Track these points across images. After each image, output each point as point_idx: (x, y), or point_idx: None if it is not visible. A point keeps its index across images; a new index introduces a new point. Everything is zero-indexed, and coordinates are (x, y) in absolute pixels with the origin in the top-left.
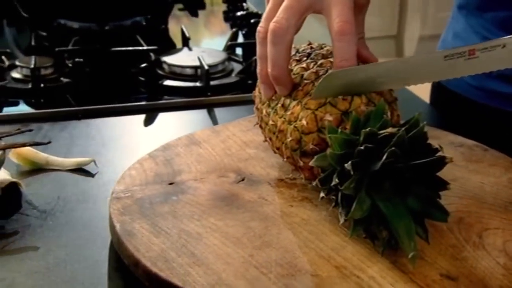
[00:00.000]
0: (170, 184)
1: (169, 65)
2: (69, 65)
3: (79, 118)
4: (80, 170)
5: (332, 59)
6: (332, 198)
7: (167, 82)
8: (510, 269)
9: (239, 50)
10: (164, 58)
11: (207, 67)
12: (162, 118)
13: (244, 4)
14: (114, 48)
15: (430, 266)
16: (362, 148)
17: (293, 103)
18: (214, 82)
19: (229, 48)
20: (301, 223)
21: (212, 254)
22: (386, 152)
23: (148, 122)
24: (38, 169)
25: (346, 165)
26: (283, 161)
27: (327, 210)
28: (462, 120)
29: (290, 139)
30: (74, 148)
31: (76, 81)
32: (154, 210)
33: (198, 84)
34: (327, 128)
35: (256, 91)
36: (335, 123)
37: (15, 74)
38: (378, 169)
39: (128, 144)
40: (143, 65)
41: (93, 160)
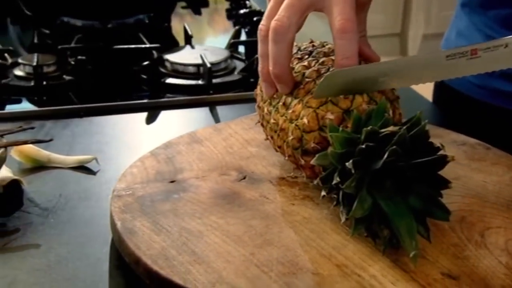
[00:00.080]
0: (172, 182)
1: (172, 63)
2: (72, 63)
3: (81, 116)
4: (82, 168)
5: (334, 57)
6: (334, 197)
7: (169, 80)
8: None
9: (242, 48)
10: (167, 56)
11: (209, 65)
12: (164, 116)
13: (247, 2)
14: (117, 46)
15: (432, 265)
16: (363, 147)
17: (295, 102)
18: (217, 80)
19: (232, 46)
20: (303, 222)
21: (213, 252)
22: (387, 151)
23: (150, 120)
24: (40, 167)
25: (347, 164)
26: (285, 160)
27: (329, 209)
28: (465, 119)
29: (292, 138)
30: (76, 146)
31: (79, 79)
32: (155, 208)
33: (200, 82)
34: (328, 127)
35: (258, 90)
36: (337, 122)
37: (18, 72)
38: (379, 168)
39: (130, 142)
40: (145, 63)
41: (95, 158)
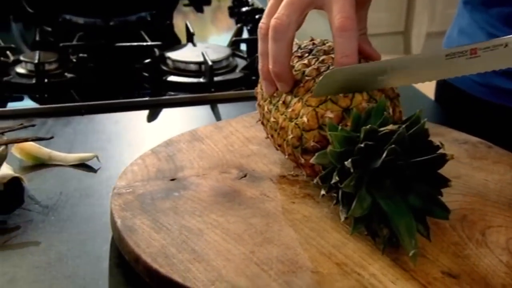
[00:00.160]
0: (172, 180)
1: (173, 61)
2: (73, 61)
3: (83, 114)
4: (83, 166)
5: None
6: (333, 196)
7: (171, 78)
8: None
9: (244, 46)
10: (168, 54)
11: (211, 63)
12: (166, 114)
13: (249, 0)
14: (118, 44)
15: (432, 264)
16: (362, 146)
17: (294, 100)
18: (218, 78)
19: (234, 44)
20: (303, 220)
21: (213, 251)
22: (386, 150)
23: (152, 118)
24: (41, 164)
25: (346, 163)
26: (285, 158)
27: (329, 207)
28: (467, 117)
29: (291, 136)
30: (77, 144)
31: (80, 77)
32: (156, 206)
33: (202, 80)
34: (328, 125)
35: (258, 88)
36: (336, 120)
37: (20, 69)
38: (379, 167)
39: (131, 140)
40: (147, 61)
41: (96, 156)
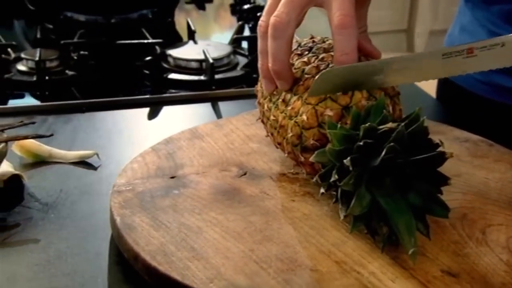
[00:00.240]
0: (172, 178)
1: (174, 59)
2: (74, 58)
3: (83, 111)
4: (83, 163)
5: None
6: (333, 194)
7: (172, 76)
8: None
9: (245, 44)
10: (169, 51)
11: (212, 61)
12: (166, 112)
13: None
14: (119, 41)
15: (431, 262)
16: (361, 144)
17: (294, 98)
18: (219, 76)
19: (235, 42)
20: (302, 218)
21: (212, 248)
22: (385, 148)
23: (152, 116)
24: (41, 162)
25: (345, 161)
26: (285, 156)
27: (329, 205)
28: (468, 115)
29: (291, 135)
30: (78, 141)
31: (81, 74)
32: (155, 204)
33: (203, 78)
34: (327, 123)
35: (258, 86)
36: (336, 118)
37: (21, 67)
38: (378, 165)
39: (132, 137)
40: (148, 58)
41: (96, 153)
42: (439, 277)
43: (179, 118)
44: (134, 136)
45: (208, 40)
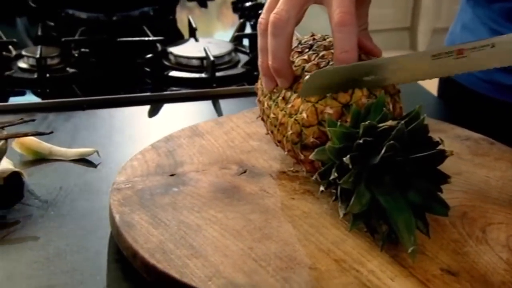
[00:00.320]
0: (172, 176)
1: (175, 56)
2: (75, 55)
3: (84, 109)
4: (83, 161)
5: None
6: (333, 192)
7: (173, 73)
8: None
9: (246, 41)
10: (170, 49)
11: (213, 58)
12: (167, 109)
13: None
14: (121, 39)
15: (431, 261)
16: (361, 142)
17: (294, 96)
18: (220, 73)
19: (236, 39)
20: (302, 216)
21: (211, 246)
22: (385, 146)
23: (153, 113)
24: (41, 159)
25: (345, 159)
26: (285, 154)
27: (329, 203)
28: (470, 113)
29: (291, 132)
30: (78, 139)
31: (82, 71)
32: (154, 202)
33: (204, 75)
34: (327, 121)
35: (258, 84)
36: (336, 116)
37: (22, 64)
38: (378, 163)
39: (132, 135)
40: (149, 56)
41: (96, 151)
42: (439, 276)
43: (180, 116)
44: (135, 134)
45: (210, 38)
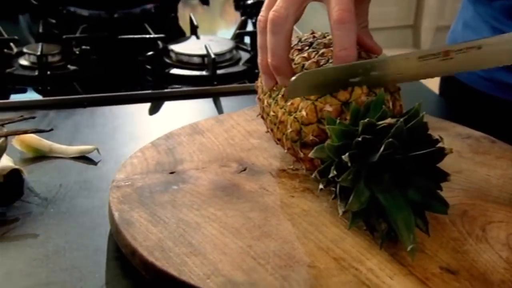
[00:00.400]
0: (171, 173)
1: (176, 54)
2: (76, 53)
3: (85, 106)
4: (83, 158)
5: None
6: (332, 190)
7: (174, 71)
8: None
9: (248, 39)
10: (172, 47)
11: (214, 56)
12: (168, 107)
13: None
14: (122, 36)
15: (430, 259)
16: (360, 140)
17: None
18: (221, 71)
19: (238, 37)
20: (301, 214)
21: (210, 244)
22: (384, 144)
23: (154, 111)
24: (42, 157)
25: (344, 157)
26: (285, 152)
27: (328, 202)
28: (472, 112)
29: (290, 130)
30: (79, 136)
31: (83, 69)
32: (154, 199)
33: (205, 73)
34: (326, 119)
35: (258, 82)
36: (335, 114)
37: (23, 61)
38: (377, 161)
39: (133, 133)
40: (150, 53)
41: (96, 148)
42: (438, 274)
43: (181, 114)
44: (135, 132)
45: (211, 35)
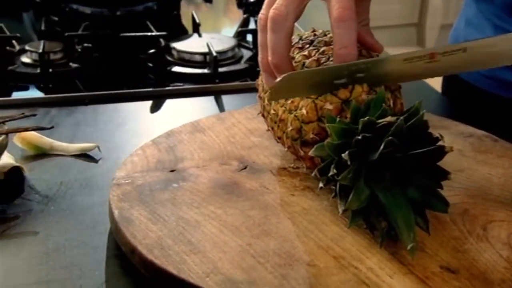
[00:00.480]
0: (172, 171)
1: (178, 51)
2: (78, 50)
3: (87, 104)
4: (84, 156)
5: None
6: (333, 188)
7: (176, 69)
8: None
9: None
10: (173, 44)
11: (215, 54)
12: (169, 105)
13: None
14: (124, 34)
15: (431, 258)
16: (360, 138)
17: None
18: (223, 69)
19: (240, 35)
20: (302, 213)
21: (209, 242)
22: (384, 142)
23: (155, 109)
24: (43, 154)
25: (343, 155)
26: (286, 150)
27: (329, 200)
28: (474, 110)
29: (291, 129)
30: (80, 134)
31: (85, 67)
32: (154, 197)
33: (206, 71)
34: (326, 117)
35: (259, 80)
36: (336, 112)
37: (25, 59)
38: (377, 159)
39: (134, 131)
40: (152, 51)
41: (97, 146)
42: (438, 273)
43: (182, 112)
44: (137, 129)
45: (213, 33)
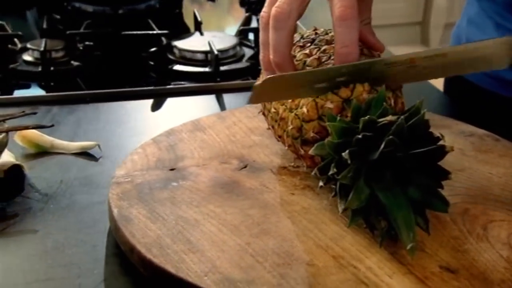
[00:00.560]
0: (172, 170)
1: (180, 50)
2: (80, 49)
3: (88, 102)
4: (85, 154)
5: None
6: (333, 187)
7: (177, 67)
8: None
9: (252, 35)
10: (175, 43)
11: (217, 52)
12: (170, 103)
13: None
14: (125, 32)
15: (430, 258)
16: (360, 137)
17: None
18: (224, 68)
19: (241, 33)
20: (301, 212)
21: (208, 241)
22: (384, 141)
23: (156, 107)
24: (43, 152)
25: (344, 154)
26: (286, 149)
27: (329, 199)
28: (476, 109)
29: (291, 127)
30: (81, 132)
31: (87, 65)
32: (153, 196)
33: (208, 69)
34: (327, 116)
35: (260, 78)
36: (336, 111)
37: (26, 57)
38: (377, 158)
39: (135, 129)
40: (153, 49)
41: (98, 144)
42: (437, 273)
43: (183, 110)
44: (137, 128)
45: (215, 32)
